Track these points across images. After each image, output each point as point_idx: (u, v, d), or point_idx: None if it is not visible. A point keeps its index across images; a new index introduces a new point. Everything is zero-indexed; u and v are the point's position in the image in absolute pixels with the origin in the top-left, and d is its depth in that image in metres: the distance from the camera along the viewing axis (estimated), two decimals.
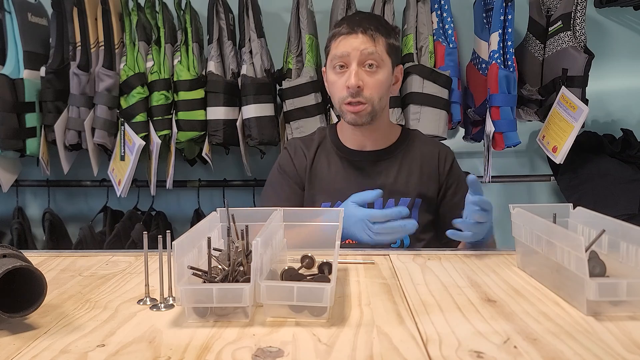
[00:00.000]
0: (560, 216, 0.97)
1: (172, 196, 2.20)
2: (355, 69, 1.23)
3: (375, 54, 1.24)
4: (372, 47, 1.24)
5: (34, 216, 2.22)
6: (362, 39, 1.24)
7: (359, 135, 1.35)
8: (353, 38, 1.25)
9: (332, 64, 1.28)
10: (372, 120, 1.29)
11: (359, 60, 1.24)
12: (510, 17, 1.78)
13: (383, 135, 1.36)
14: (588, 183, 1.90)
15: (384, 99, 1.29)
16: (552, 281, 0.83)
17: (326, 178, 1.35)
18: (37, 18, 1.95)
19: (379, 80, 1.26)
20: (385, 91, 1.29)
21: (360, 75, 1.23)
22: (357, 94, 1.24)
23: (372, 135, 1.34)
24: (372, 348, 0.64)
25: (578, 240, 0.73)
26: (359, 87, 1.23)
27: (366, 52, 1.23)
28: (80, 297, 0.84)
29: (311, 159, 1.37)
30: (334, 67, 1.28)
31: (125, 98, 1.87)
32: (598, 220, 0.89)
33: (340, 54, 1.25)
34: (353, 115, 1.26)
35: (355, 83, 1.22)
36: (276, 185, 1.39)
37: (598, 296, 0.71)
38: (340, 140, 1.38)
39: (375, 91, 1.25)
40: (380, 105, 1.28)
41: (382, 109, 1.30)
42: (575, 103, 1.74)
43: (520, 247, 0.97)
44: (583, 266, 0.72)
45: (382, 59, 1.26)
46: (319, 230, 1.00)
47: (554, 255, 0.81)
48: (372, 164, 1.34)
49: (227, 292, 0.71)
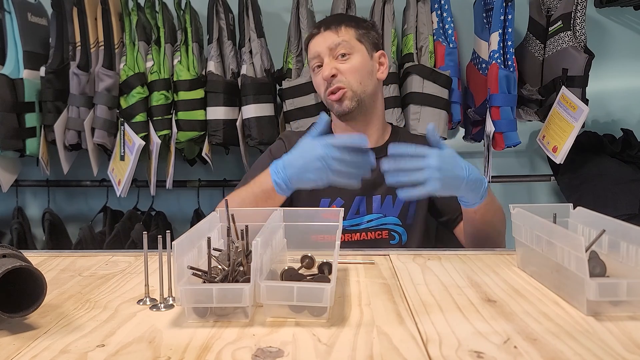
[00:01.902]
0: (560, 216, 0.97)
1: (172, 196, 2.20)
2: (327, 62, 1.29)
3: (343, 42, 1.29)
4: (337, 39, 1.29)
5: (34, 216, 2.21)
6: (327, 34, 1.31)
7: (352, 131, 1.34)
8: (320, 37, 1.32)
9: (311, 67, 1.35)
10: (360, 107, 1.29)
11: (330, 53, 1.29)
12: (510, 17, 1.78)
13: (378, 132, 1.36)
14: (588, 183, 1.90)
15: (365, 83, 1.29)
16: (552, 281, 0.83)
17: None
18: (37, 18, 1.95)
19: (353, 65, 1.29)
20: (366, 76, 1.30)
21: (332, 64, 1.28)
22: (332, 82, 1.28)
23: (367, 131, 1.33)
24: (372, 348, 0.64)
25: (578, 240, 0.73)
26: (333, 75, 1.27)
27: (333, 44, 1.28)
28: (80, 297, 0.84)
29: None
30: (313, 69, 1.34)
31: (125, 98, 1.87)
32: (598, 220, 0.89)
33: (312, 55, 1.33)
34: (336, 103, 1.29)
35: (328, 73, 1.27)
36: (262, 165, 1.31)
37: (598, 296, 0.71)
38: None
39: (351, 75, 1.28)
40: (362, 89, 1.29)
41: (368, 96, 1.30)
42: (576, 103, 1.74)
43: (520, 247, 0.97)
44: (583, 266, 0.72)
45: (352, 46, 1.30)
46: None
47: (554, 255, 0.81)
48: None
49: (227, 292, 0.71)
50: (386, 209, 1.33)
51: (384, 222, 1.34)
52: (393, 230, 1.34)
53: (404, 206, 1.33)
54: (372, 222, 1.33)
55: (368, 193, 1.32)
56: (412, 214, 1.34)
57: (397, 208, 1.33)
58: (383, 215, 1.33)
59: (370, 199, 1.33)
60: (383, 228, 1.34)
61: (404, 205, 1.33)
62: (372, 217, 1.33)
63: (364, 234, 1.33)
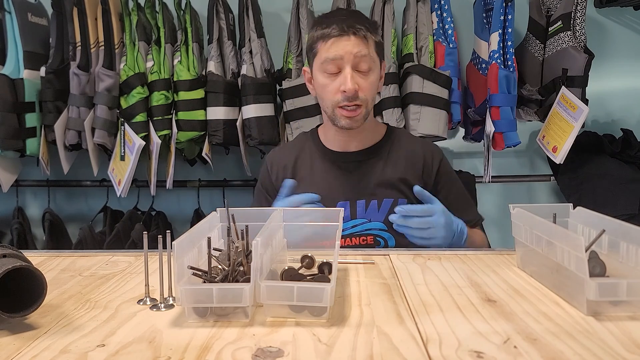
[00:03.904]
0: (560, 216, 0.97)
1: (172, 196, 2.20)
2: (350, 73, 1.21)
3: (368, 56, 1.22)
4: (365, 50, 1.21)
5: (34, 216, 2.22)
6: (355, 41, 1.21)
7: (344, 137, 1.33)
8: (345, 40, 1.21)
9: (323, 67, 1.24)
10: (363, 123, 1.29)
11: (353, 63, 1.21)
12: (510, 17, 1.78)
13: (368, 135, 1.35)
14: (588, 183, 1.90)
15: (375, 99, 1.31)
16: (552, 281, 0.83)
17: (310, 184, 1.33)
18: (37, 18, 1.95)
19: (373, 82, 1.25)
20: (376, 91, 1.30)
21: (355, 78, 1.22)
22: (354, 98, 1.22)
23: (357, 136, 1.33)
24: (372, 348, 0.64)
25: (578, 240, 0.73)
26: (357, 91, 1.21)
27: (360, 54, 1.21)
28: (80, 297, 0.84)
29: (291, 168, 1.36)
30: (324, 70, 1.24)
31: (125, 98, 1.87)
32: (598, 220, 0.89)
33: (332, 57, 1.21)
34: (348, 120, 1.25)
35: (352, 87, 1.20)
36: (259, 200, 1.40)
37: (598, 296, 0.71)
38: (323, 144, 1.37)
39: (369, 93, 1.25)
40: (372, 105, 1.29)
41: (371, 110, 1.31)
42: (575, 103, 1.74)
43: (520, 247, 0.97)
44: (583, 266, 0.72)
45: (374, 61, 1.25)
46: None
47: (554, 255, 0.81)
48: (357, 164, 1.33)
49: (227, 292, 0.71)
50: (371, 214, 1.29)
51: (368, 228, 1.29)
52: (378, 236, 1.29)
53: (390, 212, 1.27)
54: (356, 228, 1.29)
55: (352, 198, 1.30)
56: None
57: (383, 213, 1.29)
58: (368, 220, 1.29)
59: (355, 203, 1.29)
60: (368, 233, 1.29)
61: (390, 210, 1.28)
62: (356, 222, 1.29)
63: (348, 240, 1.28)
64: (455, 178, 1.39)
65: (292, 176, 1.34)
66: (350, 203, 1.30)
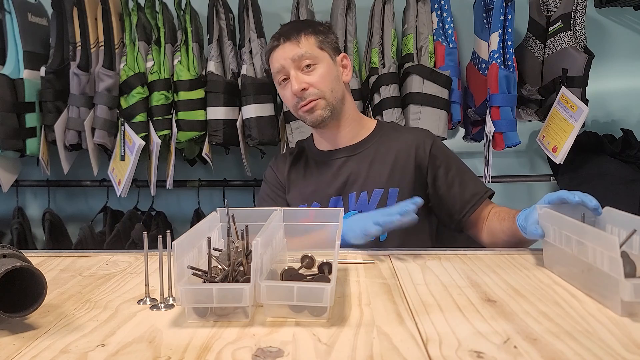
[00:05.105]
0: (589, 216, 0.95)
1: (172, 196, 2.20)
2: (295, 75, 1.27)
3: (306, 53, 1.28)
4: (300, 50, 1.28)
5: (34, 216, 2.22)
6: (288, 46, 1.29)
7: (328, 135, 1.37)
8: (281, 49, 1.30)
9: (276, 79, 1.33)
10: (332, 115, 1.31)
11: (295, 65, 1.28)
12: (510, 17, 1.78)
13: (352, 131, 1.37)
14: (588, 183, 1.90)
15: (335, 89, 1.31)
16: (583, 282, 0.82)
17: (301, 184, 1.38)
18: (37, 18, 1.95)
19: (322, 75, 1.29)
20: (334, 82, 1.31)
21: (300, 78, 1.27)
22: (304, 97, 1.28)
23: (340, 132, 1.36)
24: (372, 348, 0.64)
25: (612, 240, 0.71)
26: (304, 89, 1.27)
27: (296, 56, 1.27)
28: (80, 297, 0.84)
29: (286, 172, 1.41)
30: (278, 82, 1.33)
31: (125, 98, 1.87)
32: (628, 220, 0.88)
33: (276, 69, 1.31)
34: (309, 114, 1.30)
35: (298, 87, 1.26)
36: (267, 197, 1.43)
37: (633, 297, 0.70)
38: (315, 146, 1.42)
39: (321, 84, 1.28)
40: (334, 96, 1.30)
41: (339, 101, 1.32)
42: (575, 103, 1.74)
43: (548, 247, 0.95)
44: (617, 266, 0.70)
45: (316, 55, 1.29)
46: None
47: (585, 256, 0.80)
48: (345, 159, 1.35)
49: (227, 292, 0.71)
50: (361, 206, 1.30)
51: None
52: None
53: (381, 202, 1.29)
54: None
55: (343, 192, 1.32)
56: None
57: (373, 204, 1.29)
58: (359, 212, 1.28)
59: (347, 197, 1.32)
60: None
61: (381, 201, 1.29)
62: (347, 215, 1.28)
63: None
64: (454, 156, 1.36)
65: (287, 180, 1.40)
66: (343, 197, 1.32)
